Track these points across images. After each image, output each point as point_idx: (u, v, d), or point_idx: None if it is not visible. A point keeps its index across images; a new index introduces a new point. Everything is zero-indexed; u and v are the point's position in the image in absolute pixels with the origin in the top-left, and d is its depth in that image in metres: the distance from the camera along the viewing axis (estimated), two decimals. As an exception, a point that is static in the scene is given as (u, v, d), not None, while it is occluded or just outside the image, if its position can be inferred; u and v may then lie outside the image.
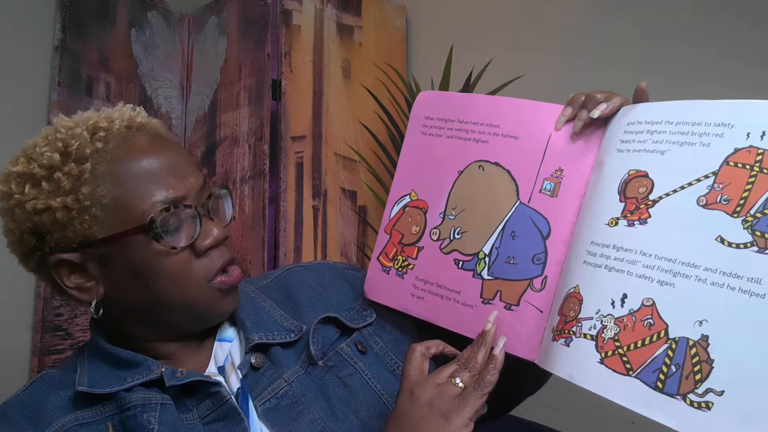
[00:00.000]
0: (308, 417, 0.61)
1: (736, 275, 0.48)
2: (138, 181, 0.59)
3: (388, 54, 1.81)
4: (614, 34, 1.45)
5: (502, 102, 0.67)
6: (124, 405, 0.58)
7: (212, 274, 0.62)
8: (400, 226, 0.72)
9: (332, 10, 1.71)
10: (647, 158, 0.56)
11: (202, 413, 0.60)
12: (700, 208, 0.51)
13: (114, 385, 0.59)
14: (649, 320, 0.51)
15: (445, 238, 0.68)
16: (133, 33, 1.71)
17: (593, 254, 0.57)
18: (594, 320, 0.55)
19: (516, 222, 0.64)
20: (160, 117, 1.73)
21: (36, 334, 1.43)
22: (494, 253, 0.65)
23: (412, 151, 0.73)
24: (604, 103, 0.60)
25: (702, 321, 0.48)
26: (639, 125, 0.58)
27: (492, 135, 0.67)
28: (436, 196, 0.70)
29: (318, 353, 0.66)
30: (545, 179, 0.63)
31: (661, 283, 0.51)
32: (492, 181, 0.66)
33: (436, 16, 1.86)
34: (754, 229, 0.48)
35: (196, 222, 0.61)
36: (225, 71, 1.69)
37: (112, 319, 0.65)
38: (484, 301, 0.64)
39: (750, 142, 0.50)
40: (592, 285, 0.56)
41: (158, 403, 0.58)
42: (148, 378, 0.59)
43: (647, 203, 0.55)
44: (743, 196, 0.50)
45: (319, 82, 1.66)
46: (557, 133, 0.64)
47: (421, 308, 0.69)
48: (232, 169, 1.61)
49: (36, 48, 1.54)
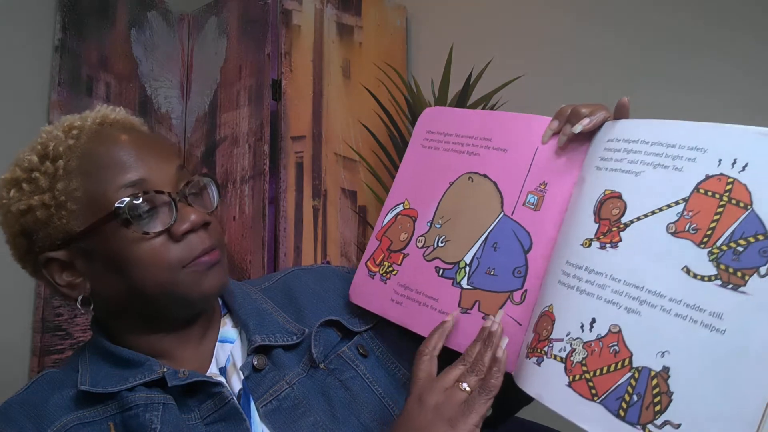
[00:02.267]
0: (310, 419, 0.61)
1: (699, 308, 0.47)
2: (106, 170, 0.59)
3: (388, 54, 1.81)
4: (614, 35, 1.45)
5: (496, 116, 0.68)
6: (126, 405, 0.58)
7: (190, 260, 0.60)
8: (390, 233, 0.73)
9: (332, 10, 1.71)
10: (622, 179, 0.55)
11: (204, 414, 0.60)
12: (669, 235, 0.51)
13: (116, 385, 0.59)
14: (615, 347, 0.51)
15: (430, 245, 0.68)
16: (133, 33, 1.71)
17: (567, 274, 0.56)
18: (564, 342, 0.54)
19: (498, 234, 0.64)
20: (160, 117, 1.73)
21: (36, 334, 1.43)
22: (475, 263, 0.65)
23: (412, 163, 0.74)
24: (586, 118, 0.59)
25: (665, 352, 0.48)
26: (617, 143, 0.58)
27: (484, 148, 0.67)
28: (426, 206, 0.70)
29: (320, 356, 0.66)
30: (529, 192, 0.63)
31: (628, 311, 0.51)
32: (478, 192, 0.66)
33: (436, 16, 1.86)
34: (719, 261, 0.48)
35: (171, 208, 0.60)
36: (225, 71, 1.69)
37: (108, 317, 0.65)
38: (462, 310, 0.64)
39: (721, 170, 0.50)
40: (565, 306, 0.56)
41: (161, 403, 0.58)
42: (150, 378, 0.59)
43: (619, 226, 0.54)
44: (711, 226, 0.49)
45: (319, 82, 1.66)
46: (544, 147, 0.64)
47: (400, 313, 0.69)
48: (232, 169, 1.61)
49: (36, 48, 1.54)
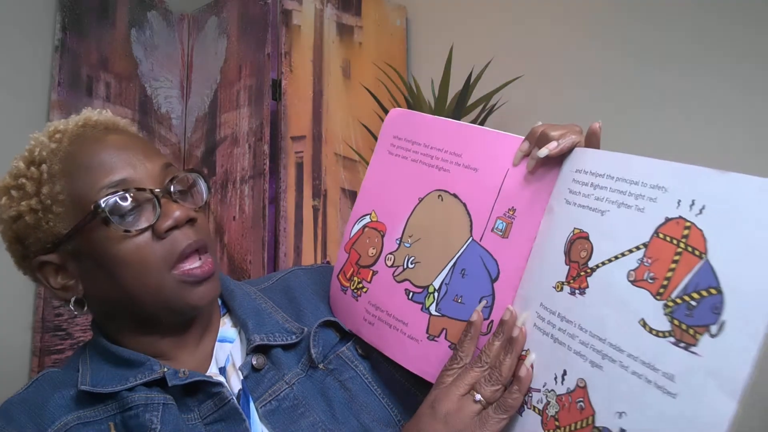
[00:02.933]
0: (309, 420, 0.61)
1: (653, 367, 0.44)
2: (87, 171, 0.60)
3: (388, 54, 1.81)
4: (614, 35, 1.45)
5: (468, 130, 0.64)
6: (126, 404, 0.58)
7: (175, 257, 0.59)
8: (358, 246, 0.70)
9: (332, 10, 1.71)
10: (590, 218, 0.53)
11: (204, 414, 0.60)
12: (629, 283, 0.48)
13: (116, 385, 0.59)
14: (581, 403, 0.49)
15: (399, 265, 0.65)
16: (133, 33, 1.71)
17: (542, 319, 0.54)
18: (541, 393, 0.52)
19: (467, 260, 0.61)
20: (160, 117, 1.73)
21: (36, 334, 1.43)
22: (443, 289, 0.62)
23: (378, 169, 0.70)
24: (554, 142, 0.56)
25: (622, 413, 0.46)
26: (585, 175, 0.54)
27: (454, 164, 0.63)
28: (394, 221, 0.67)
29: (319, 356, 0.66)
30: (498, 218, 0.60)
31: (593, 365, 0.49)
32: (448, 213, 0.63)
33: (436, 16, 1.86)
34: (672, 316, 0.44)
35: (155, 205, 0.60)
36: (225, 71, 1.69)
37: (104, 319, 0.65)
38: (430, 338, 0.62)
39: (680, 212, 0.46)
40: (541, 354, 0.54)
41: (160, 403, 0.58)
42: (150, 378, 0.59)
43: (587, 271, 0.51)
44: (667, 276, 0.45)
45: (319, 82, 1.66)
46: (515, 169, 0.60)
47: (371, 334, 0.67)
48: (232, 169, 1.61)
49: (36, 48, 1.54)
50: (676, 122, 1.31)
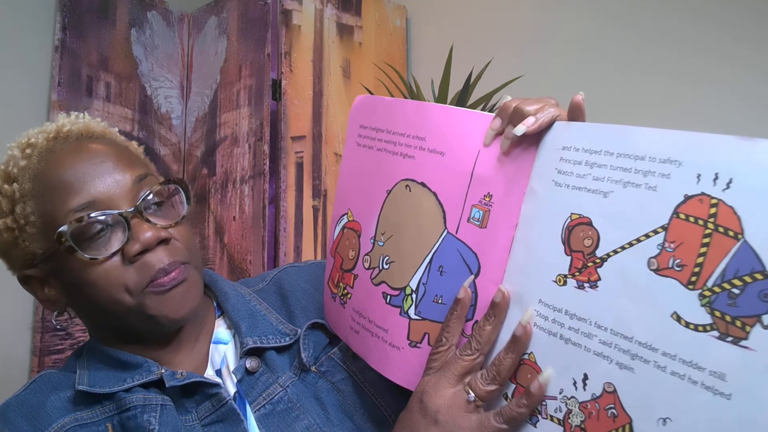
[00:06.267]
0: (304, 423, 0.61)
1: (698, 366, 0.39)
2: (54, 192, 0.58)
3: (388, 54, 1.81)
4: (614, 35, 1.45)
5: (431, 109, 0.57)
6: (124, 406, 0.58)
7: (146, 281, 0.57)
8: (341, 249, 0.64)
9: (332, 10, 1.71)
10: (589, 200, 0.47)
11: (202, 415, 0.60)
12: (652, 273, 0.42)
13: (114, 386, 0.59)
14: (613, 410, 0.43)
15: (375, 267, 0.59)
16: (133, 33, 1.71)
17: (545, 317, 0.48)
18: (559, 401, 0.46)
19: (443, 255, 0.54)
20: (160, 117, 1.73)
21: (36, 334, 1.43)
22: (421, 289, 0.55)
23: (349, 164, 0.63)
24: (531, 118, 0.50)
25: (666, 419, 0.40)
26: (576, 153, 0.48)
27: (418, 149, 0.56)
28: (367, 219, 0.60)
29: (310, 359, 0.65)
30: (473, 206, 0.53)
31: (620, 366, 0.43)
32: (418, 204, 0.56)
33: (436, 16, 1.86)
34: (712, 307, 0.39)
35: (124, 227, 0.57)
36: (225, 71, 1.69)
37: (94, 328, 0.65)
38: (412, 344, 0.56)
39: (701, 188, 0.40)
40: (550, 356, 0.47)
41: (158, 404, 0.58)
42: (148, 379, 0.59)
43: (595, 261, 0.45)
44: (698, 262, 0.40)
45: (319, 82, 1.66)
46: (487, 151, 0.53)
47: (358, 343, 0.61)
48: (232, 169, 1.61)
49: (36, 48, 1.54)
50: (680, 125, 1.31)
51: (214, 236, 1.64)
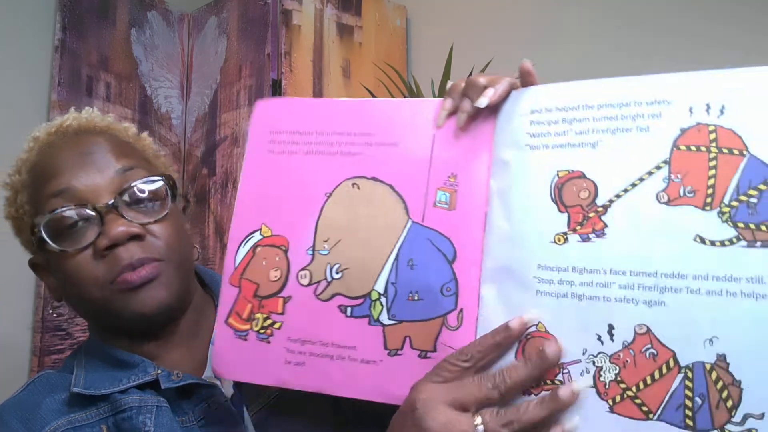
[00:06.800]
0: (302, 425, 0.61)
1: (733, 278, 0.40)
2: (40, 182, 0.60)
3: (388, 54, 1.81)
4: (615, 35, 1.45)
5: (372, 105, 0.57)
6: (119, 407, 0.57)
7: (113, 276, 0.57)
8: (251, 273, 0.56)
9: (332, 10, 1.71)
10: (576, 154, 0.47)
11: (198, 416, 0.59)
12: (664, 205, 0.43)
13: (109, 387, 0.59)
14: (651, 350, 0.42)
15: (320, 280, 0.54)
16: (133, 33, 1.71)
17: (548, 281, 0.46)
18: (584, 363, 0.44)
19: (412, 247, 0.51)
20: (160, 117, 1.73)
21: (36, 334, 1.43)
22: (391, 290, 0.51)
23: (258, 175, 0.59)
24: (490, 89, 0.50)
25: (712, 339, 0.41)
26: (549, 113, 0.49)
27: (365, 145, 0.55)
28: (298, 229, 0.55)
29: None
30: (438, 189, 0.52)
31: (649, 304, 0.42)
32: (371, 200, 0.53)
33: (436, 16, 1.86)
34: (734, 221, 0.41)
35: (98, 221, 0.57)
36: (225, 71, 1.69)
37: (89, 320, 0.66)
38: (391, 353, 0.51)
39: (696, 119, 0.43)
40: (563, 320, 0.45)
41: (154, 405, 0.58)
42: (143, 380, 0.59)
43: (597, 210, 0.45)
44: (710, 184, 0.42)
45: (319, 82, 1.66)
46: (441, 132, 0.53)
47: (305, 378, 0.53)
48: (232, 169, 1.61)
49: (36, 48, 1.54)
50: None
51: (214, 236, 1.64)
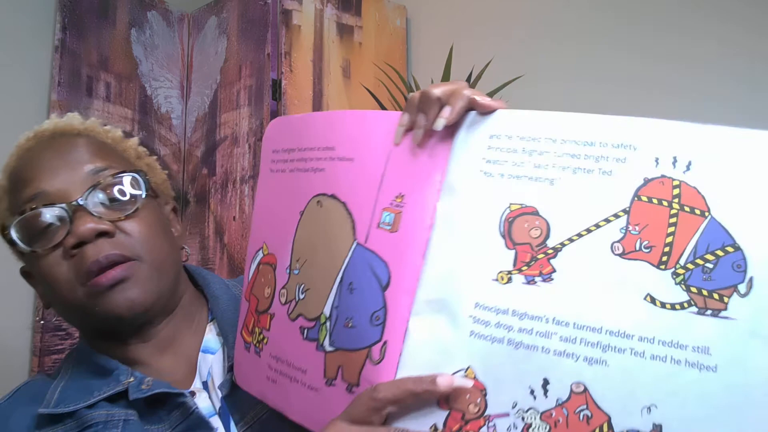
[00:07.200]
0: None
1: (679, 344, 0.38)
2: (16, 187, 0.60)
3: (388, 54, 1.81)
4: (615, 34, 1.45)
5: (340, 117, 0.53)
6: (85, 423, 0.55)
7: (82, 274, 0.55)
8: (256, 289, 0.57)
9: (332, 10, 1.71)
10: (532, 189, 0.44)
11: (173, 424, 0.57)
12: (618, 257, 0.41)
13: (79, 401, 0.57)
14: (586, 412, 0.39)
15: (292, 299, 0.52)
16: (133, 33, 1.71)
17: (485, 323, 0.42)
18: (512, 417, 0.41)
19: (353, 270, 0.48)
20: (160, 117, 1.73)
21: (36, 334, 1.43)
22: (334, 314, 0.48)
23: (262, 194, 0.58)
24: (446, 108, 0.46)
25: (650, 407, 0.38)
26: (509, 140, 0.45)
27: (328, 160, 0.52)
28: (282, 248, 0.54)
29: None
30: (384, 209, 0.47)
31: (589, 361, 0.40)
32: (329, 219, 0.50)
33: (436, 16, 1.86)
34: (687, 284, 0.39)
35: (66, 220, 0.56)
36: (225, 71, 1.69)
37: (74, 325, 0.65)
38: (328, 382, 0.47)
39: (661, 171, 0.41)
40: (495, 368, 0.42)
41: (121, 419, 0.56)
42: (114, 391, 0.57)
43: (547, 252, 0.42)
44: (667, 241, 0.40)
45: (319, 82, 1.66)
46: (398, 150, 0.49)
47: (275, 395, 0.52)
48: (232, 169, 1.61)
49: (36, 48, 1.54)
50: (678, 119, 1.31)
51: (214, 236, 1.64)
